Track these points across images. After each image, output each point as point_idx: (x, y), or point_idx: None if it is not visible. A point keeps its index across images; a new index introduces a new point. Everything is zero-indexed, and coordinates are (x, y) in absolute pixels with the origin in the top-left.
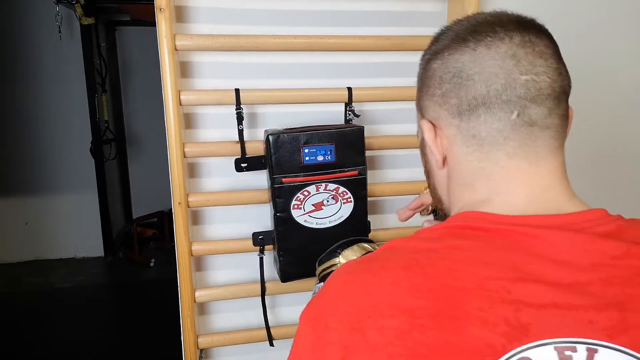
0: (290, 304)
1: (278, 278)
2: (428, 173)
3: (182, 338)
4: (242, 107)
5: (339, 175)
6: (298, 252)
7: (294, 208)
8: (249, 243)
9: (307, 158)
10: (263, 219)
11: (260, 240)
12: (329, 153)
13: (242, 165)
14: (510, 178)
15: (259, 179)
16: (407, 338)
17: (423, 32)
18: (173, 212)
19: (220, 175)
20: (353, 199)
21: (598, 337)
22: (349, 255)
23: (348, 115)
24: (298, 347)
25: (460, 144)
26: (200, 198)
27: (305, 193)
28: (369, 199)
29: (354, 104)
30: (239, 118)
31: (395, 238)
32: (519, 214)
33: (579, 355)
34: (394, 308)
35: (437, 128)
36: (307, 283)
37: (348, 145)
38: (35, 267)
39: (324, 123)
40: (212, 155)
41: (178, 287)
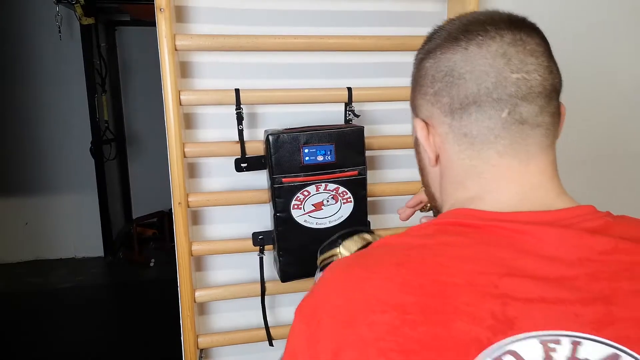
0: (290, 304)
1: (278, 278)
2: (422, 171)
3: (182, 338)
4: (242, 107)
5: (339, 175)
6: (298, 252)
7: (294, 208)
8: (249, 243)
9: (307, 158)
10: (263, 219)
11: (260, 240)
12: (329, 153)
13: (242, 165)
14: (501, 176)
15: (259, 179)
16: (397, 333)
17: (423, 32)
18: (173, 212)
19: (220, 175)
20: (353, 199)
21: (583, 330)
22: (350, 246)
23: (348, 115)
24: (292, 342)
25: (452, 142)
26: (200, 198)
27: (305, 193)
28: (369, 199)
29: (354, 104)
30: (239, 118)
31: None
32: (509, 211)
33: (563, 348)
34: (385, 303)
35: (429, 126)
36: (307, 283)
37: (348, 145)
38: (35, 267)
39: (324, 123)
40: (212, 155)
41: (178, 287)
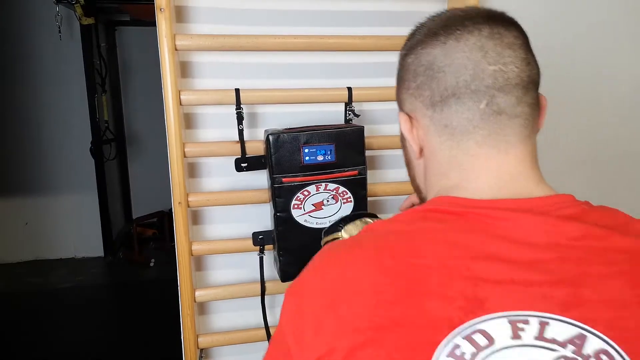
0: None
1: (278, 278)
2: (408, 165)
3: (182, 338)
4: (242, 107)
5: (339, 175)
6: (298, 251)
7: (294, 208)
8: (249, 243)
9: (307, 158)
10: (263, 219)
11: (260, 240)
12: (329, 153)
13: (242, 165)
14: (480, 166)
15: (259, 179)
16: (373, 313)
17: None
18: (173, 211)
19: (220, 175)
20: (353, 199)
21: (551, 310)
22: (351, 230)
23: (348, 115)
24: (281, 318)
25: (434, 134)
26: (200, 198)
27: (305, 193)
28: (369, 199)
29: (354, 104)
30: (239, 118)
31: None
32: (488, 199)
33: (531, 328)
34: (363, 285)
35: (413, 120)
36: None
37: (348, 145)
38: (35, 267)
39: (324, 123)
40: (212, 155)
41: (178, 286)
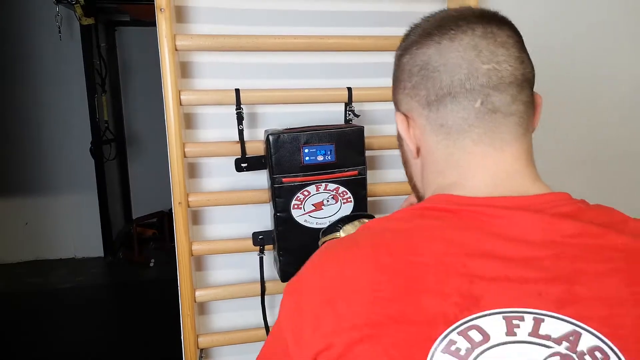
0: None
1: (278, 278)
2: (405, 164)
3: (182, 337)
4: (242, 107)
5: (339, 175)
6: (298, 251)
7: (294, 208)
8: (249, 243)
9: (307, 158)
10: (263, 219)
11: (260, 240)
12: (329, 153)
13: (242, 165)
14: (477, 164)
15: (259, 179)
16: (371, 309)
17: None
18: (173, 211)
19: (221, 175)
20: (353, 199)
21: (546, 307)
22: (349, 230)
23: (348, 115)
24: (280, 315)
25: (430, 133)
26: (201, 198)
27: (305, 193)
28: (369, 199)
29: (354, 104)
30: (239, 118)
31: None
32: (484, 196)
33: (526, 324)
34: (360, 282)
35: (409, 119)
36: None
37: (348, 145)
38: (35, 267)
39: (324, 123)
40: (212, 155)
41: (178, 286)
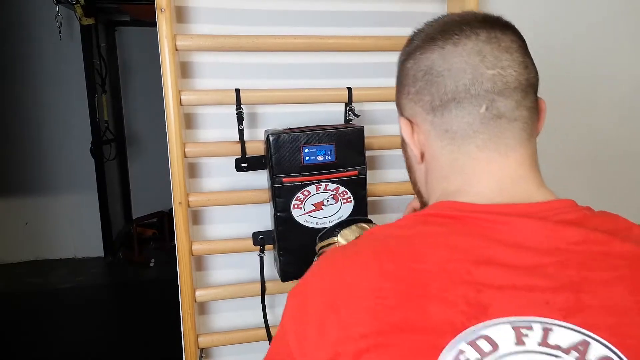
0: None
1: (278, 278)
2: (409, 169)
3: (182, 337)
4: (242, 107)
5: (339, 175)
6: (298, 251)
7: (294, 208)
8: (249, 243)
9: (307, 158)
10: (263, 219)
11: (261, 240)
12: (329, 153)
13: (242, 165)
14: (481, 169)
15: (259, 179)
16: (376, 317)
17: None
18: (173, 211)
19: (221, 175)
20: (353, 199)
21: (553, 316)
22: (347, 235)
23: (348, 115)
24: (283, 319)
25: (435, 139)
26: (201, 198)
27: (306, 193)
28: (369, 199)
29: (354, 104)
30: (239, 118)
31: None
32: (489, 203)
33: (535, 334)
34: (365, 289)
35: (414, 124)
36: None
37: (348, 145)
38: (35, 267)
39: (324, 123)
40: (212, 155)
41: (178, 286)
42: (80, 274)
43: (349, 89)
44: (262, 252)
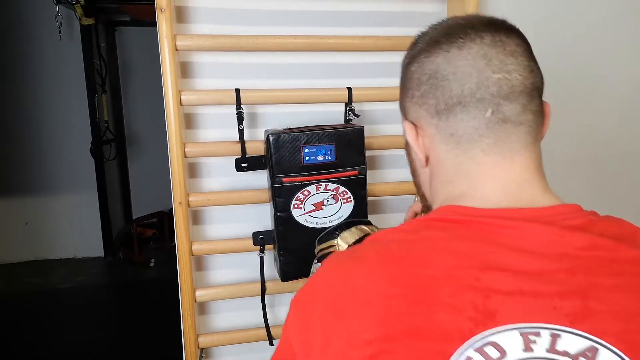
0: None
1: (278, 277)
2: (413, 173)
3: (182, 337)
4: (242, 107)
5: (339, 175)
6: (298, 251)
7: (294, 208)
8: (249, 243)
9: (307, 158)
10: (263, 219)
11: (261, 240)
12: (329, 153)
13: (242, 165)
14: (487, 174)
15: (259, 179)
16: (383, 324)
17: None
18: (174, 211)
19: (221, 175)
20: (353, 199)
21: (561, 322)
22: (347, 237)
23: (348, 115)
24: (287, 329)
25: (440, 143)
26: (201, 198)
27: (306, 193)
28: (369, 199)
29: (354, 104)
30: (239, 118)
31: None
32: (494, 207)
33: (543, 340)
34: (371, 296)
35: (418, 128)
36: None
37: (348, 145)
38: (35, 267)
39: (324, 123)
40: (212, 155)
41: (178, 286)
42: (80, 274)
43: (349, 89)
44: (262, 252)
